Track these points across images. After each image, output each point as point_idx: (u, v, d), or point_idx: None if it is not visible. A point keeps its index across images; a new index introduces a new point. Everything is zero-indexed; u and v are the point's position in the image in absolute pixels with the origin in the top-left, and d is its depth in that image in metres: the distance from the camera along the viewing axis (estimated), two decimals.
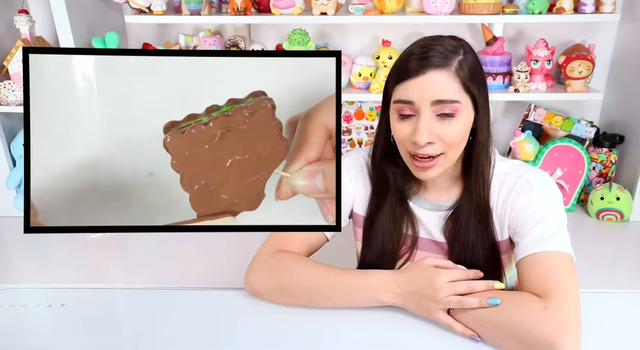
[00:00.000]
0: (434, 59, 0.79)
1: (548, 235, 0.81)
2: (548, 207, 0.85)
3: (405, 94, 0.80)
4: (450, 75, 0.79)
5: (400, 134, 0.83)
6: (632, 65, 1.71)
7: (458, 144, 0.83)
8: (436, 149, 0.81)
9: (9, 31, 1.69)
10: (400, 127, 0.83)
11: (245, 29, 1.80)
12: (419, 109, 0.80)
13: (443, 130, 0.80)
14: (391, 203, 0.93)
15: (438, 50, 0.80)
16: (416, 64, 0.79)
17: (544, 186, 0.87)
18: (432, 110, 0.80)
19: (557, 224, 0.83)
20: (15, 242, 1.62)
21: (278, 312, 0.85)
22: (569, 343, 0.69)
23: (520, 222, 0.85)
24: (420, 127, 0.79)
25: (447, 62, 0.79)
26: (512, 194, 0.88)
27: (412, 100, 0.80)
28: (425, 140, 0.79)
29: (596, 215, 1.71)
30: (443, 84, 0.79)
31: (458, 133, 0.81)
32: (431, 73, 0.79)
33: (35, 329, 0.84)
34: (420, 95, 0.79)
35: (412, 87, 0.80)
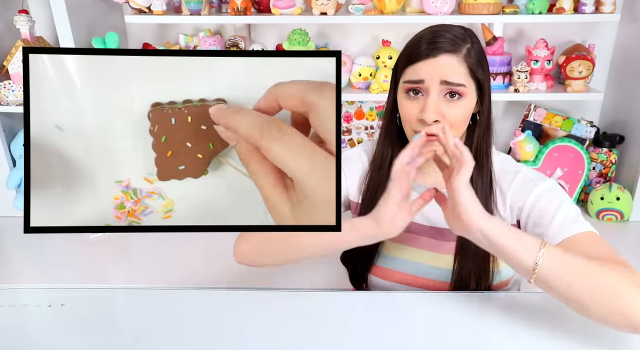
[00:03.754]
0: (445, 44, 0.82)
1: (573, 217, 0.83)
2: (559, 195, 0.87)
3: (416, 73, 0.83)
4: (459, 61, 0.82)
5: (408, 113, 0.85)
6: (632, 65, 1.71)
7: (459, 124, 0.85)
8: (440, 128, 0.82)
9: (9, 31, 1.70)
10: (408, 105, 0.85)
11: (245, 29, 1.80)
12: (428, 88, 0.82)
13: (449, 110, 0.83)
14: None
15: (448, 37, 0.83)
16: (427, 48, 0.83)
17: (544, 179, 0.90)
18: (440, 89, 0.82)
19: (574, 208, 0.86)
20: (15, 242, 1.62)
21: (278, 311, 0.85)
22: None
23: (538, 214, 0.86)
24: (429, 105, 0.82)
25: (457, 48, 0.82)
26: (511, 189, 0.90)
27: (422, 78, 0.82)
28: (433, 118, 0.81)
29: (596, 215, 1.71)
30: (452, 67, 0.82)
31: (461, 114, 0.84)
32: (442, 56, 0.82)
33: (35, 329, 0.84)
34: (430, 74, 0.82)
35: (423, 68, 0.82)
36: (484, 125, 0.89)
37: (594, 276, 0.71)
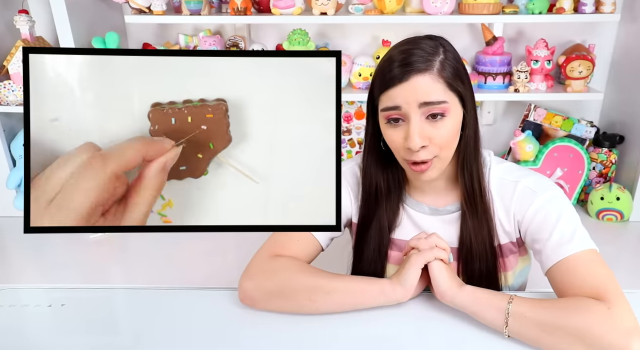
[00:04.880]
0: (416, 64, 0.78)
1: (569, 235, 0.81)
2: (558, 207, 0.84)
3: (392, 100, 0.80)
4: (433, 78, 0.79)
5: (394, 142, 0.83)
6: (632, 65, 1.71)
7: (450, 143, 0.83)
8: (430, 152, 0.81)
9: (9, 31, 1.70)
10: (392, 134, 0.82)
11: (245, 29, 1.80)
12: (408, 114, 0.79)
13: (435, 132, 0.80)
14: (384, 208, 0.92)
15: (419, 55, 0.79)
16: (399, 71, 0.79)
17: (545, 188, 0.87)
18: (421, 112, 0.79)
19: (572, 222, 0.83)
20: (15, 242, 1.62)
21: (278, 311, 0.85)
22: (635, 344, 0.70)
23: (536, 230, 0.85)
24: (412, 132, 0.79)
25: (429, 64, 0.79)
26: (513, 201, 0.87)
27: (399, 105, 0.79)
28: (419, 145, 0.79)
29: (596, 215, 1.71)
30: (428, 86, 0.78)
31: (449, 133, 0.81)
32: (415, 78, 0.78)
33: (35, 329, 0.84)
34: (406, 99, 0.79)
35: (398, 94, 0.79)
36: (470, 141, 0.86)
37: (561, 328, 0.73)
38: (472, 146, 0.87)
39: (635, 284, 1.33)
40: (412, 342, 0.79)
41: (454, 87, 0.80)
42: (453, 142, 0.83)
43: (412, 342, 0.79)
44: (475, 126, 0.86)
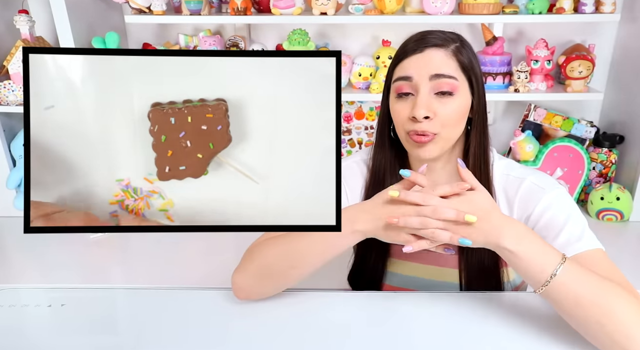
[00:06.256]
0: (433, 40, 0.82)
1: (578, 234, 0.81)
2: (567, 206, 0.84)
3: (404, 70, 0.82)
4: (448, 54, 0.82)
5: (399, 113, 0.84)
6: (632, 65, 1.71)
7: (454, 122, 0.83)
8: (433, 126, 0.81)
9: (9, 31, 1.70)
10: (399, 107, 0.84)
11: (245, 29, 1.80)
12: (418, 85, 0.81)
13: (441, 107, 0.81)
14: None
15: (436, 35, 0.83)
16: (415, 44, 0.83)
17: (552, 186, 0.87)
18: (431, 86, 0.81)
19: (581, 221, 0.83)
20: (15, 242, 1.62)
21: (278, 311, 0.85)
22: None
23: (544, 227, 0.84)
24: (419, 101, 0.80)
25: (446, 43, 0.82)
26: (518, 197, 0.87)
27: (410, 75, 0.82)
28: (423, 114, 0.80)
29: (596, 215, 1.71)
30: (441, 60, 0.81)
31: (454, 111, 0.82)
32: (430, 50, 0.81)
33: (35, 329, 0.84)
34: (419, 70, 0.81)
35: (411, 64, 0.82)
36: (479, 128, 0.86)
37: (598, 306, 0.69)
38: (480, 136, 0.87)
39: (635, 284, 1.32)
40: (412, 341, 0.79)
41: (466, 71, 0.83)
42: (457, 123, 0.84)
43: (412, 341, 0.79)
44: (484, 116, 0.87)
